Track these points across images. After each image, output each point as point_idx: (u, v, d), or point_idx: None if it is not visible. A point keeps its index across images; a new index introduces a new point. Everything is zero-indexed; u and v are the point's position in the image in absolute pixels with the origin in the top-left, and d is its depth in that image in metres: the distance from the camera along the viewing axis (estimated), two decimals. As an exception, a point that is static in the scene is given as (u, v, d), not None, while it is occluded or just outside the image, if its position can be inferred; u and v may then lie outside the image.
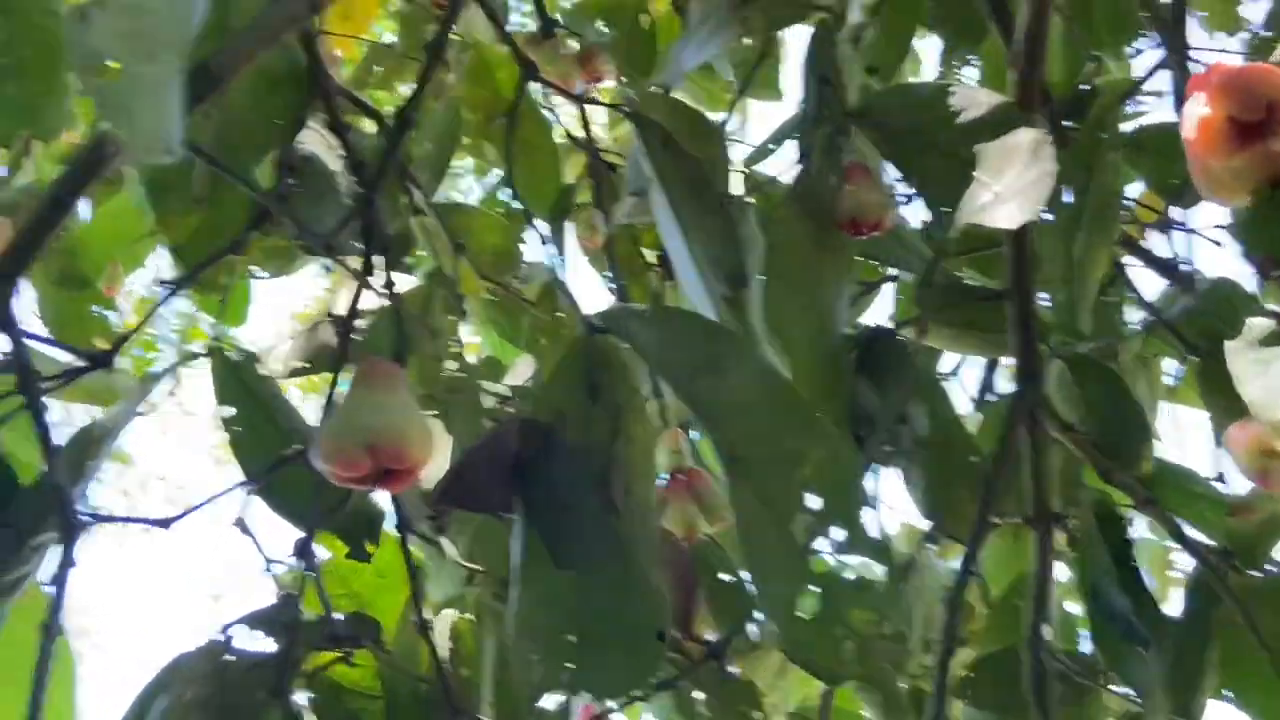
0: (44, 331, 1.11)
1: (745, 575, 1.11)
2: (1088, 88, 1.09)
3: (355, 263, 0.70)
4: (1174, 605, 1.03)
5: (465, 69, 1.19)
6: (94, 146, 0.55)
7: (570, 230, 1.22)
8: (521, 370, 1.18)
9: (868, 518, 0.57)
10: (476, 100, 1.15)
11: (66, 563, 0.51)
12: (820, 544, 0.58)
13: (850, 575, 0.56)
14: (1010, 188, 0.73)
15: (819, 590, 0.56)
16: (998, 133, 0.80)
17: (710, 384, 0.61)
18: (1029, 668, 0.88)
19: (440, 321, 0.68)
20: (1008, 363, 1.42)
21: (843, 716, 1.41)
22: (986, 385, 1.32)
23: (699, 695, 0.80)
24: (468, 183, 2.11)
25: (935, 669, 0.78)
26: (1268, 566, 1.00)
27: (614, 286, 1.12)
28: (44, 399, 0.54)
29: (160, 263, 1.28)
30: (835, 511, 0.57)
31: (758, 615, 0.80)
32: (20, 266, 0.55)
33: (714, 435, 0.62)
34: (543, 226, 1.18)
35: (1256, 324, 0.58)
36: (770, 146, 1.08)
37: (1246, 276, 0.99)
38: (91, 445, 0.58)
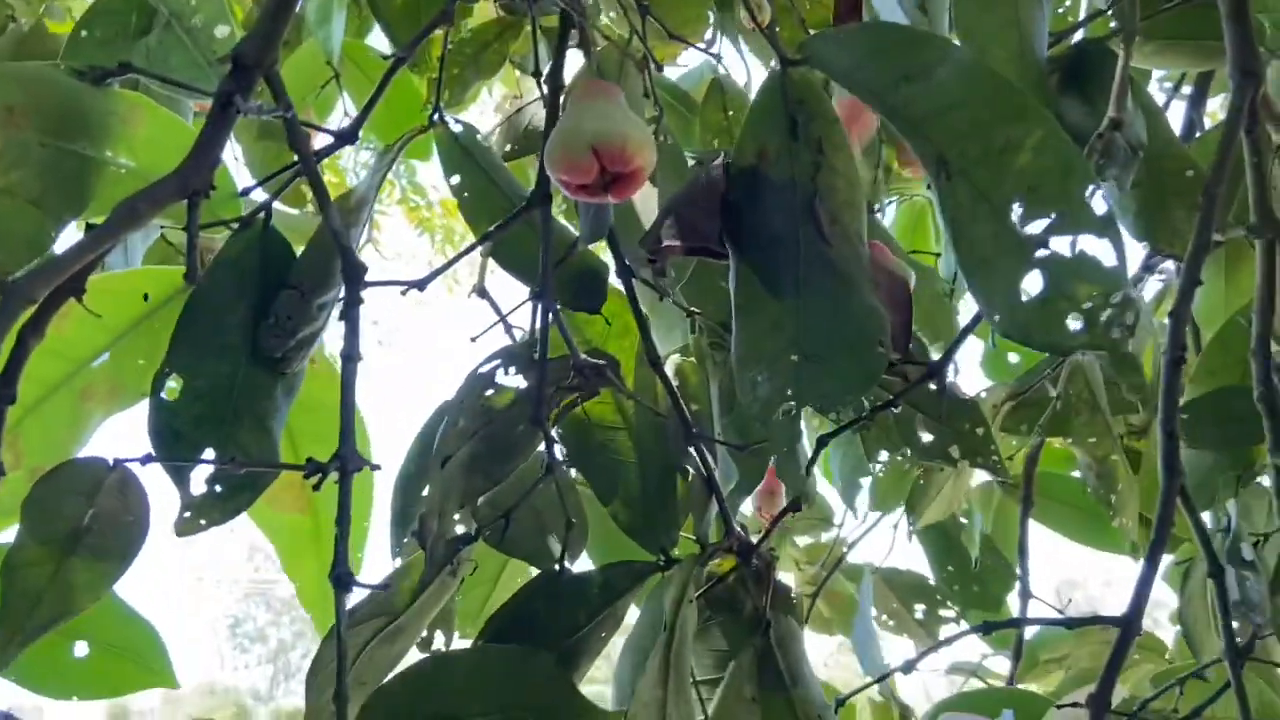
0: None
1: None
2: None
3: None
4: None
5: None
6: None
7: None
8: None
9: (1094, 199, 0.57)
10: None
11: (354, 300, 0.57)
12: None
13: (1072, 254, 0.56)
14: None
15: (1040, 272, 0.56)
16: None
17: (914, 91, 0.61)
18: (1257, 375, 0.86)
19: (636, 76, 0.70)
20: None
21: (1048, 479, 1.43)
22: (1190, 124, 1.24)
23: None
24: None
25: (1164, 375, 0.77)
26: None
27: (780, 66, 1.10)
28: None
29: (348, 107, 1.34)
30: (1054, 193, 0.57)
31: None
32: (264, 54, 0.60)
33: (920, 144, 0.62)
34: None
35: None
36: None
37: None
38: (350, 210, 0.65)
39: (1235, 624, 0.92)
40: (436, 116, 0.72)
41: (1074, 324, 0.56)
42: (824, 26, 1.23)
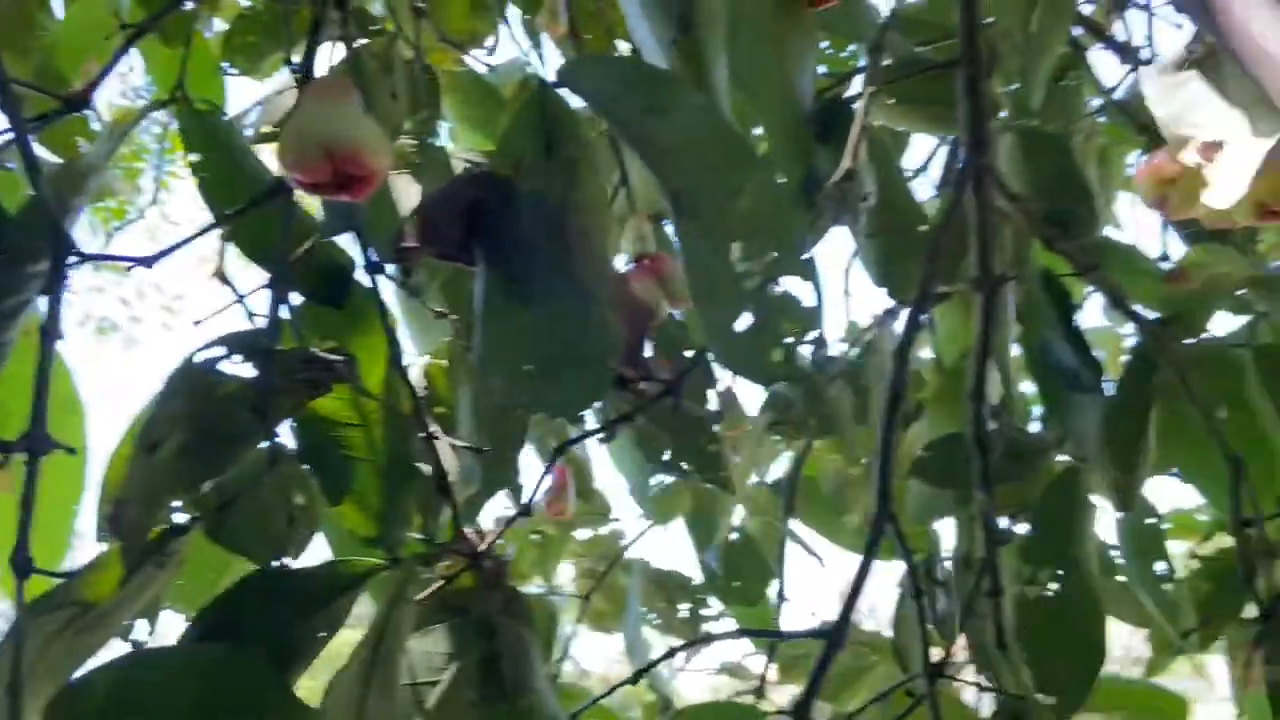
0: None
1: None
2: None
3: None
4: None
5: None
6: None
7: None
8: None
9: (800, 244, 0.62)
10: None
11: (59, 274, 0.55)
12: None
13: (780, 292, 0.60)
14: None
15: (752, 306, 0.61)
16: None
17: (655, 125, 0.65)
18: (972, 417, 0.95)
19: (396, 66, 0.70)
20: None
21: (811, 484, 1.51)
22: (947, 178, 1.35)
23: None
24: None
25: (883, 414, 0.84)
26: (1203, 335, 1.06)
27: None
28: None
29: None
30: (768, 237, 0.61)
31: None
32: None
33: (660, 174, 0.65)
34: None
35: (1171, 52, 0.61)
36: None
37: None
38: (76, 179, 0.62)
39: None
40: (178, 92, 0.69)
41: (776, 356, 0.61)
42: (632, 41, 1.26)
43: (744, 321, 0.62)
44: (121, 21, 1.07)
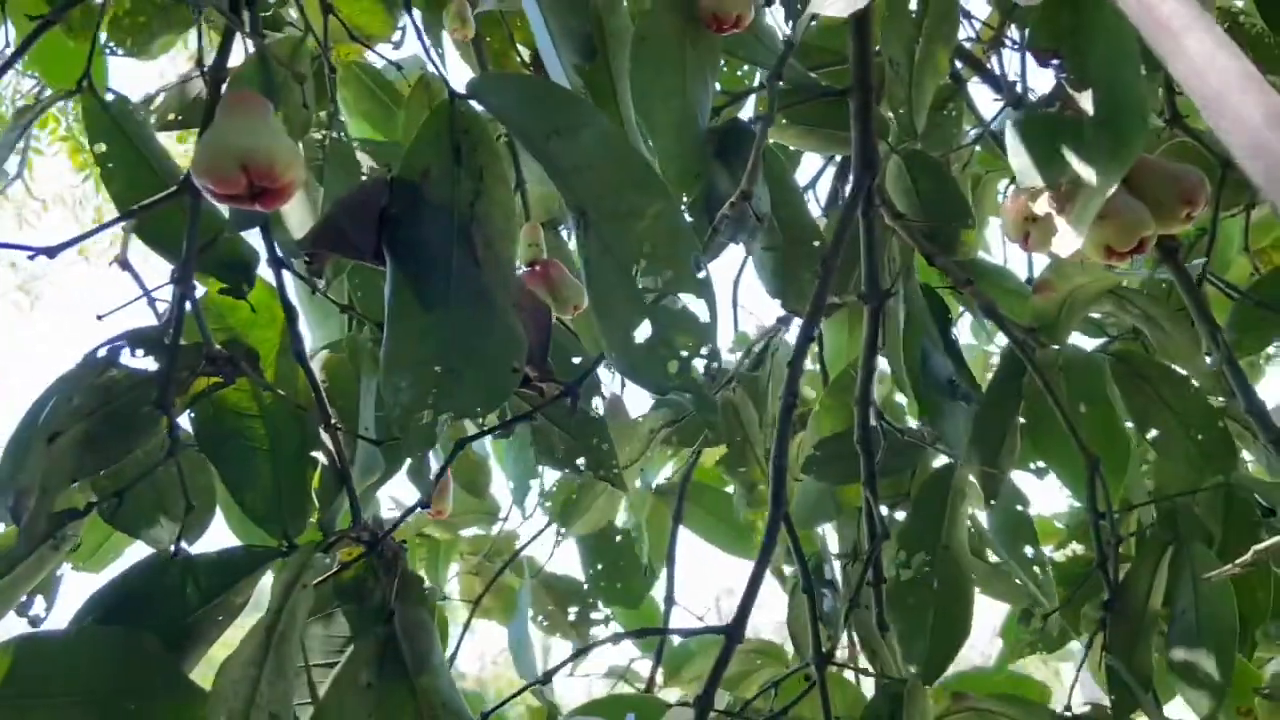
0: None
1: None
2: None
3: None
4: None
5: None
6: None
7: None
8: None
9: (697, 265, 0.66)
10: None
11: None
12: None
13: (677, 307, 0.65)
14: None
15: (651, 322, 0.65)
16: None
17: (561, 145, 0.68)
18: (858, 421, 1.01)
19: (306, 71, 0.71)
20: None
21: (702, 490, 1.57)
22: (835, 197, 1.42)
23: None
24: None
25: (778, 420, 0.89)
26: (1068, 342, 1.15)
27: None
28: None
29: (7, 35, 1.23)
30: (666, 256, 0.65)
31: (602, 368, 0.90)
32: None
33: (565, 192, 0.68)
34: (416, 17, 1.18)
35: (1030, 106, 0.67)
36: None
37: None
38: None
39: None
40: (85, 82, 0.69)
41: (672, 368, 0.65)
42: (532, 44, 1.29)
43: (642, 333, 0.66)
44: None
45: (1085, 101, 0.62)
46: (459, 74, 1.32)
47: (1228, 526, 1.15)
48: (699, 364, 0.66)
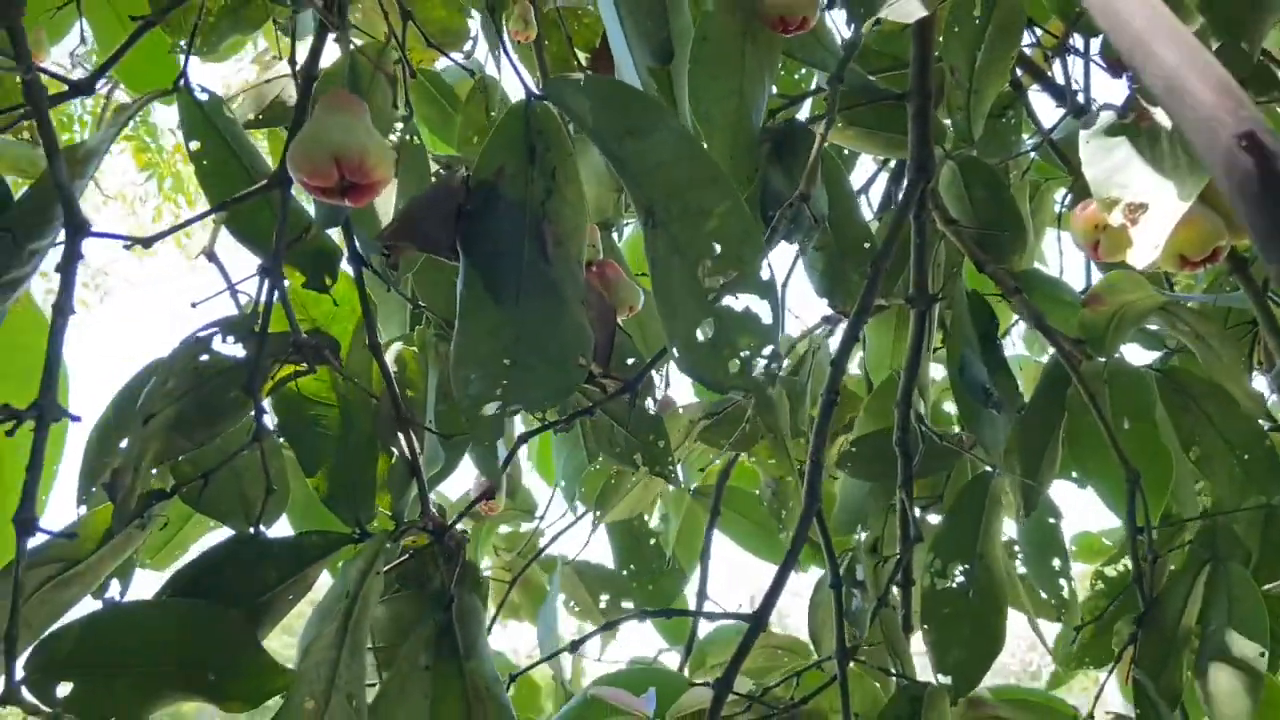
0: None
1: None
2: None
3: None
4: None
5: None
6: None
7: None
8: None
9: (761, 266, 0.68)
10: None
11: (73, 255, 0.58)
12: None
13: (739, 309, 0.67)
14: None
15: (714, 321, 0.67)
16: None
17: (634, 145, 0.70)
18: (898, 423, 1.02)
19: (394, 73, 0.74)
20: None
21: (736, 493, 1.59)
22: (888, 201, 1.43)
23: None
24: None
25: (819, 415, 0.91)
26: (1115, 355, 1.16)
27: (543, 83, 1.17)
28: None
29: (84, 30, 1.28)
30: (733, 257, 0.67)
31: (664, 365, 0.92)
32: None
33: (635, 191, 0.70)
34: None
35: (1104, 115, 0.68)
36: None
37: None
38: (78, 162, 0.65)
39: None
40: (182, 81, 0.72)
41: (733, 368, 0.67)
42: (589, 47, 1.31)
43: (705, 332, 0.67)
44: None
45: (1160, 113, 0.63)
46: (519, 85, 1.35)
47: (1265, 546, 1.15)
48: (760, 364, 0.68)
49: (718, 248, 0.67)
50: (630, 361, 1.03)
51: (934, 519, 1.31)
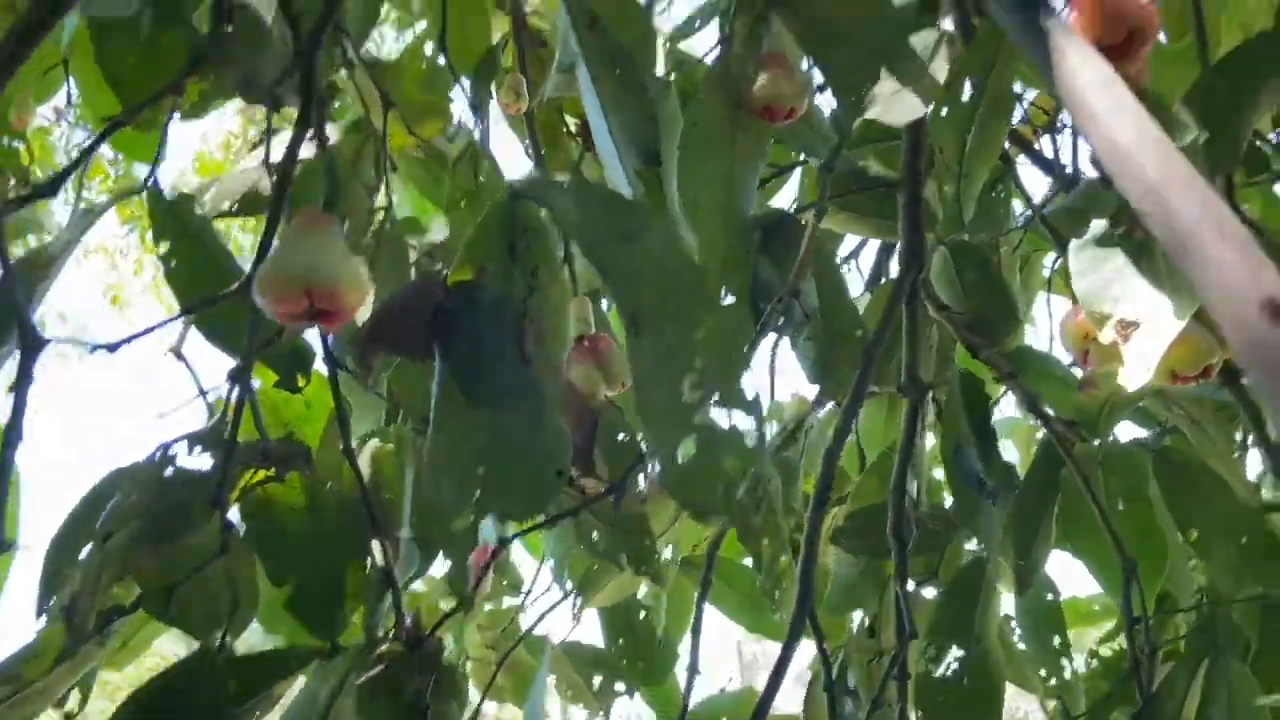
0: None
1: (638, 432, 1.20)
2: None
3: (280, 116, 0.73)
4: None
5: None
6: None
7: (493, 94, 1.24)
8: (440, 231, 1.23)
9: (746, 380, 0.66)
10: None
11: (25, 377, 0.55)
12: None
13: (725, 427, 0.64)
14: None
15: (698, 439, 0.64)
16: (905, 29, 0.86)
17: (621, 251, 0.68)
18: (892, 511, 1.00)
19: (368, 174, 0.72)
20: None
21: (726, 564, 1.56)
22: (879, 271, 1.41)
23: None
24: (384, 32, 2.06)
25: (811, 509, 0.88)
26: (1109, 438, 1.14)
27: (533, 154, 1.16)
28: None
29: (70, 94, 1.26)
30: (717, 371, 0.65)
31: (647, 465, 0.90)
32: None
33: (620, 297, 0.68)
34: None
35: (1096, 225, 0.66)
36: (695, 24, 1.12)
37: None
38: (40, 268, 0.62)
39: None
40: (151, 181, 0.70)
41: (718, 491, 0.64)
42: (580, 115, 1.30)
43: (687, 451, 0.65)
44: (64, 56, 1.06)
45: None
46: (509, 144, 1.33)
47: (1263, 638, 1.12)
48: (743, 488, 0.65)
49: (705, 361, 0.65)
50: (620, 438, 1.01)
51: (929, 592, 1.28)
